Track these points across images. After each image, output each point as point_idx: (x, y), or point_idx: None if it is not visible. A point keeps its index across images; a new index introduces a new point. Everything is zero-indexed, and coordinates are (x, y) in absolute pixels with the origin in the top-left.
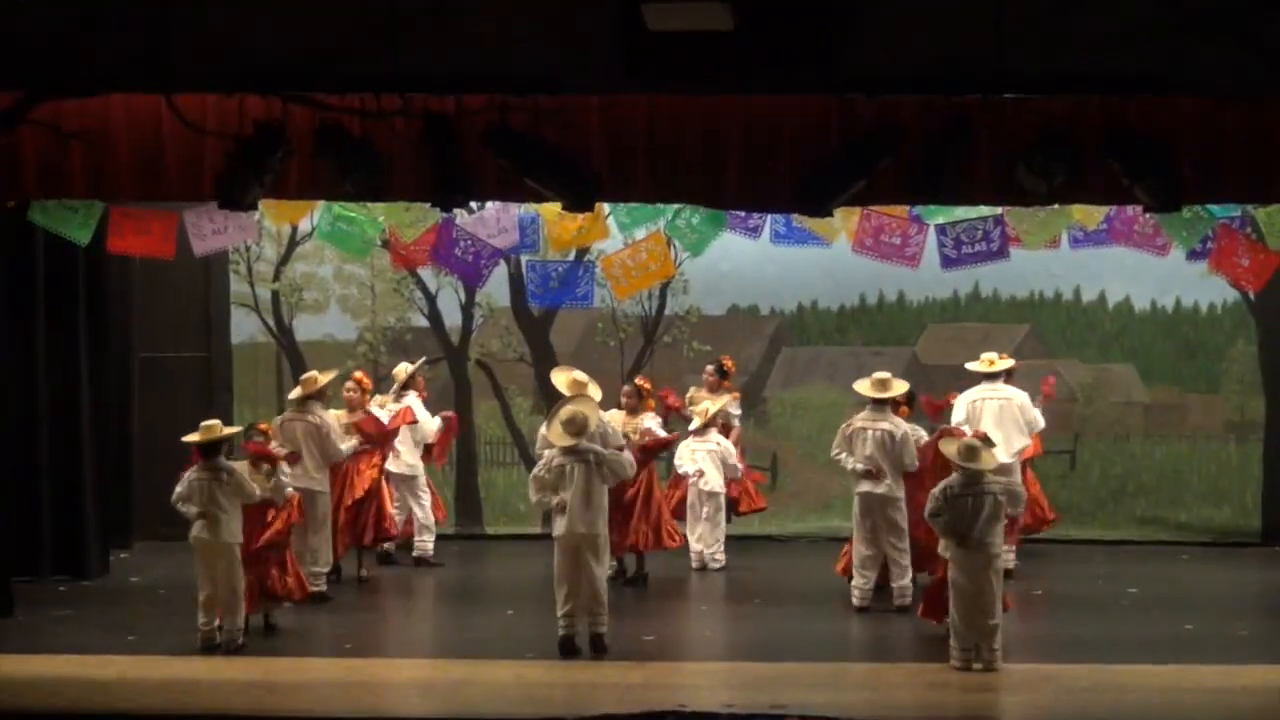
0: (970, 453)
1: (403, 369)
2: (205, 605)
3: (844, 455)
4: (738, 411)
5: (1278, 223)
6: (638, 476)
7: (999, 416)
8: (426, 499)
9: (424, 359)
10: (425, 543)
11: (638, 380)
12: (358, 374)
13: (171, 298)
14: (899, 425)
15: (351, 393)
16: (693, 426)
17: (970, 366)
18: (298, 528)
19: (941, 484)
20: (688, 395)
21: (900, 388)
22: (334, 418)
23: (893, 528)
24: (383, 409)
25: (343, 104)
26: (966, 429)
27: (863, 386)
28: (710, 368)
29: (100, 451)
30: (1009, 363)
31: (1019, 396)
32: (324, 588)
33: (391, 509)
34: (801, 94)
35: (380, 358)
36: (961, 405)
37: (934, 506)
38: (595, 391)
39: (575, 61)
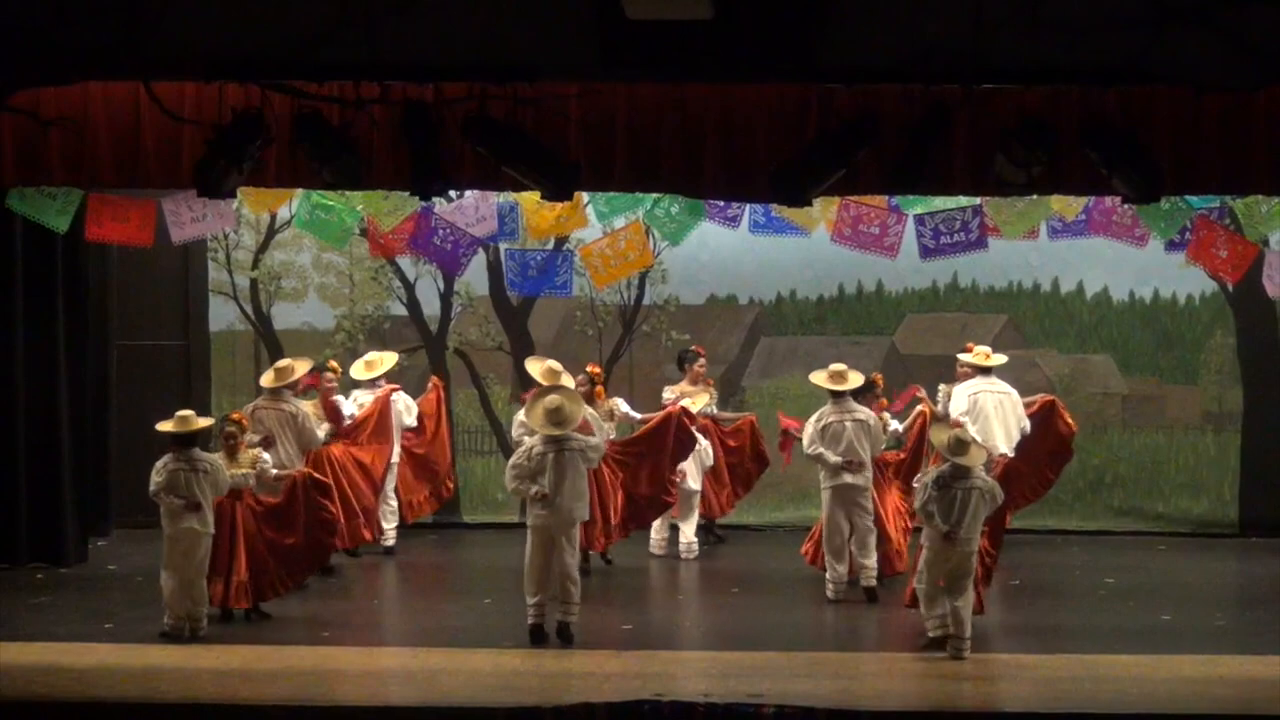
0: (960, 446)
1: (378, 357)
2: (176, 598)
3: (822, 450)
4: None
5: (1256, 214)
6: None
7: (1000, 410)
8: (392, 484)
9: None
10: (388, 530)
11: (589, 368)
12: (332, 363)
13: (150, 285)
14: (868, 413)
15: (330, 383)
16: None
17: (963, 358)
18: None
19: (932, 475)
20: (669, 392)
21: (856, 379)
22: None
23: (865, 515)
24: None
25: (322, 92)
26: (967, 420)
27: (819, 378)
28: (701, 360)
29: (78, 439)
30: (1003, 358)
31: (1014, 392)
32: None
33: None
34: (780, 83)
35: (358, 346)
36: (962, 397)
37: (924, 498)
38: (568, 382)
39: (554, 50)
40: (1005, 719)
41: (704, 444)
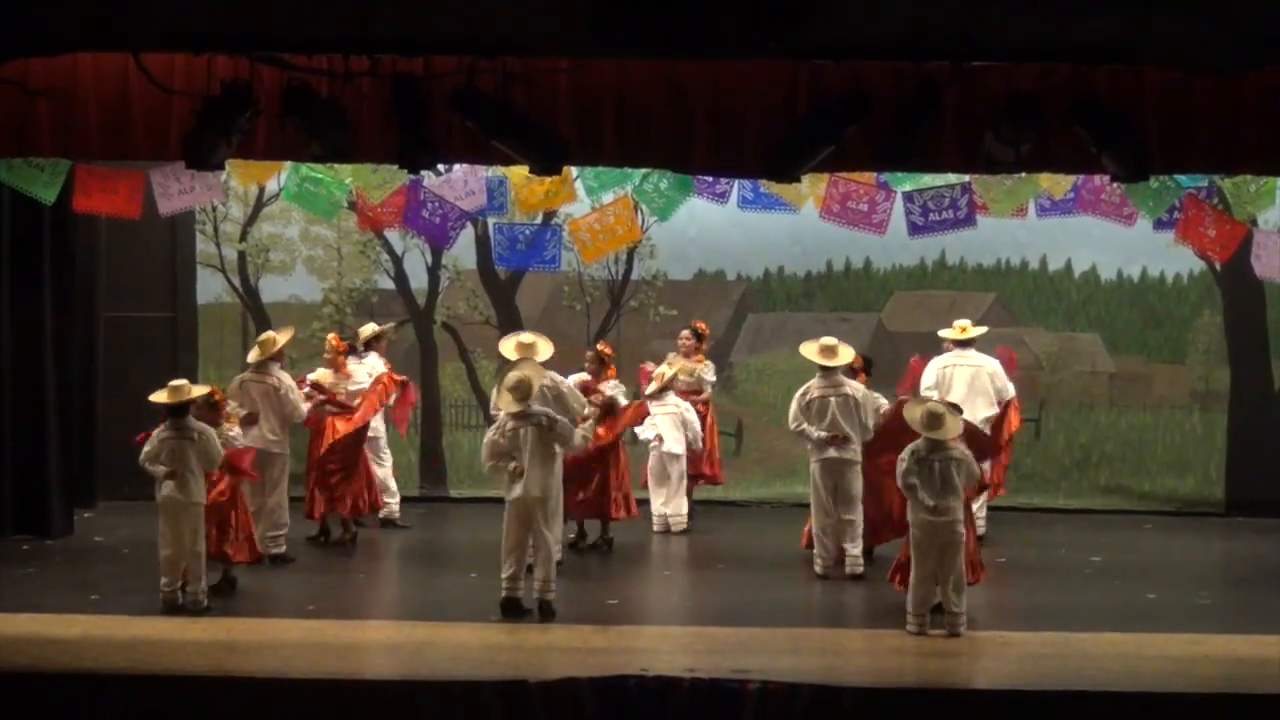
0: (933, 419)
1: (368, 328)
2: (168, 565)
3: (805, 425)
4: (712, 378)
5: (1244, 194)
6: (607, 441)
7: (969, 384)
8: (388, 460)
9: (392, 323)
10: (391, 504)
11: (599, 346)
12: (332, 337)
13: (137, 257)
14: (857, 388)
15: (328, 355)
16: (650, 390)
17: (943, 334)
18: (255, 488)
19: (909, 447)
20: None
21: (847, 354)
22: (319, 377)
23: (850, 492)
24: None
25: (311, 65)
26: (935, 395)
27: (809, 351)
28: (686, 333)
29: (64, 410)
30: (981, 330)
31: (989, 364)
32: (284, 549)
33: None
34: (770, 59)
35: (346, 319)
36: (931, 371)
37: (905, 468)
38: (545, 348)
39: (544, 24)
40: (990, 696)
41: (690, 411)
